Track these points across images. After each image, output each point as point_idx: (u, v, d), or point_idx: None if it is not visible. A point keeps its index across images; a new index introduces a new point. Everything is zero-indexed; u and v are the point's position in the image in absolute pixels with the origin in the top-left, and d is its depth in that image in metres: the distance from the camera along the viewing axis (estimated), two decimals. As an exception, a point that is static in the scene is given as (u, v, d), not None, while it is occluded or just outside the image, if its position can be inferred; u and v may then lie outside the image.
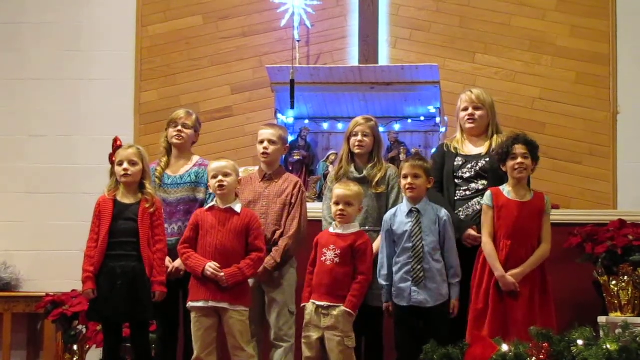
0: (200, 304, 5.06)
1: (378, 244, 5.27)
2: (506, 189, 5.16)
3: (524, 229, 5.08)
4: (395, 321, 5.18)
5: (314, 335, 5.01)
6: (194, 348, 5.09)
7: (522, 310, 4.96)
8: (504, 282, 5.00)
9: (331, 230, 5.16)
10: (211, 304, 5.04)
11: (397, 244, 5.17)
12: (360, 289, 5.03)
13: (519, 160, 5.09)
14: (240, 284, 5.08)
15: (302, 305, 5.11)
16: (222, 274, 5.02)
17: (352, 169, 5.50)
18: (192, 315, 5.11)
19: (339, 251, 5.03)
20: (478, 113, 5.51)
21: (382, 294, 5.19)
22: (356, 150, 5.49)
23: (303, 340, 5.05)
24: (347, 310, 4.98)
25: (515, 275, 5.00)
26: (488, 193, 5.18)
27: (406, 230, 5.13)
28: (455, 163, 5.45)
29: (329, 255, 5.04)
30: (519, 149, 5.11)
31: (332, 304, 4.98)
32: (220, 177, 5.16)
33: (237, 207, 5.20)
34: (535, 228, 5.11)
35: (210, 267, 5.03)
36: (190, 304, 5.12)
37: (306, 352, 5.03)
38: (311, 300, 5.05)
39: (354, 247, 5.05)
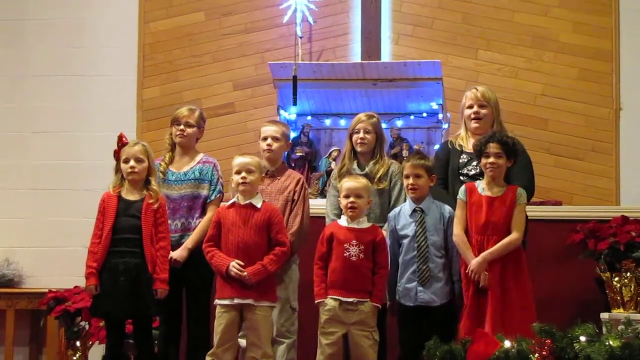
0: (226, 301, 5.05)
1: None
2: (480, 185, 5.15)
3: (495, 223, 5.02)
4: (399, 320, 5.19)
5: (339, 331, 4.98)
6: (214, 342, 5.08)
7: (492, 305, 4.93)
8: (474, 263, 4.97)
9: (344, 224, 5.13)
10: (236, 301, 5.03)
11: (402, 244, 5.17)
12: (384, 283, 5.08)
13: (491, 160, 5.08)
14: (265, 280, 5.06)
15: (317, 301, 5.05)
16: (245, 273, 5.00)
17: (355, 165, 5.51)
18: (217, 310, 5.09)
19: (363, 246, 5.02)
20: (483, 111, 5.49)
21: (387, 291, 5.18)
22: (358, 148, 5.50)
23: (325, 337, 5.00)
24: (376, 305, 5.01)
25: (476, 263, 4.95)
26: (462, 188, 5.17)
27: (410, 231, 5.14)
28: (461, 160, 5.45)
29: (354, 251, 5.01)
30: (492, 148, 5.08)
31: (360, 300, 4.98)
32: (243, 174, 5.13)
33: (258, 203, 5.16)
34: (508, 222, 5.05)
35: (234, 267, 5.01)
36: (217, 301, 5.10)
37: (327, 349, 4.98)
38: (332, 296, 5.01)
39: (375, 241, 5.07)
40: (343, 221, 5.15)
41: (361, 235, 5.06)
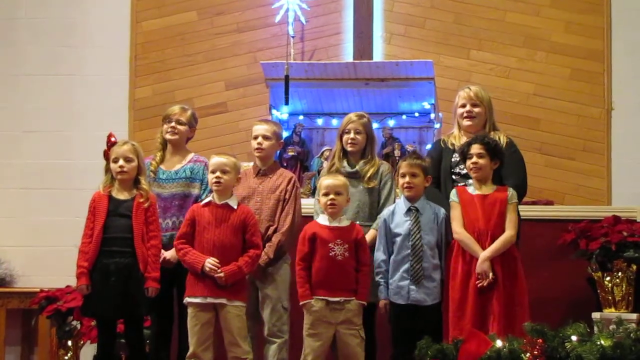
0: (198, 299, 5.05)
1: (369, 237, 5.26)
2: (471, 188, 5.19)
3: (490, 221, 5.05)
4: (391, 318, 5.19)
5: (327, 332, 4.98)
6: (190, 343, 5.08)
7: (497, 301, 4.96)
8: (479, 264, 4.99)
9: (324, 223, 5.12)
10: (209, 300, 5.04)
11: (395, 243, 5.17)
12: (368, 280, 5.09)
13: (473, 159, 5.12)
14: (238, 281, 5.08)
15: (301, 303, 5.03)
16: (222, 273, 5.00)
17: (345, 164, 5.50)
18: (189, 310, 5.09)
19: (347, 245, 5.03)
20: (476, 110, 5.50)
21: (379, 291, 5.17)
22: (349, 148, 5.49)
23: (312, 338, 4.98)
24: (362, 302, 5.02)
25: (481, 264, 4.97)
26: (453, 190, 5.21)
27: (404, 229, 5.15)
28: (453, 159, 5.46)
29: (339, 250, 5.02)
30: (474, 149, 5.13)
31: (346, 299, 4.99)
32: (218, 174, 5.15)
33: (234, 203, 5.18)
34: (502, 220, 5.08)
35: (210, 263, 5.02)
36: (187, 299, 5.11)
37: (317, 350, 4.96)
38: (318, 297, 5.00)
39: (357, 239, 5.08)
40: (324, 220, 5.14)
41: (344, 234, 5.07)
